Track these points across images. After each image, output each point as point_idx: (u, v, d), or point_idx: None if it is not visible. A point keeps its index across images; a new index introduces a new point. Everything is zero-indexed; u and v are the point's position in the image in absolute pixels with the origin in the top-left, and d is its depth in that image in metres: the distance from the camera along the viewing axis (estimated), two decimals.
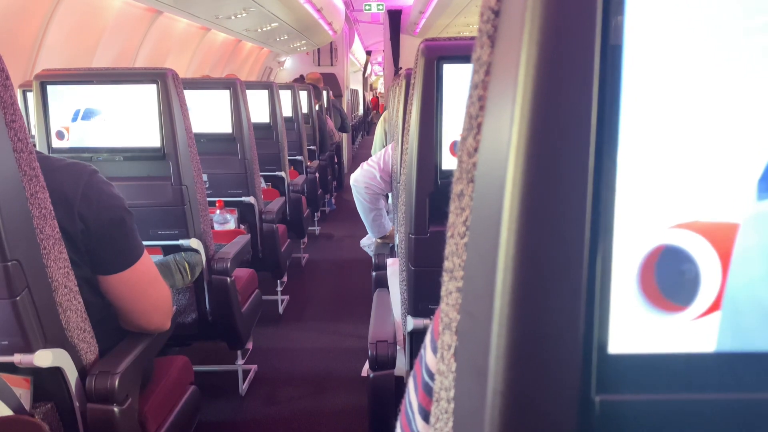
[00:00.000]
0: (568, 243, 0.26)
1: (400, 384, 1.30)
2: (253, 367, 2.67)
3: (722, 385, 0.28)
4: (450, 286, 0.37)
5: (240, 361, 2.47)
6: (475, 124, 0.32)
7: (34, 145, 1.80)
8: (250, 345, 2.68)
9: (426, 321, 1.23)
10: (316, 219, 5.23)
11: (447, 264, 0.37)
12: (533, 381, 0.27)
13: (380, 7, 10.17)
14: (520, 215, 0.26)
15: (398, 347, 1.36)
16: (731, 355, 0.28)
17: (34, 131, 1.85)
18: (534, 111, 0.26)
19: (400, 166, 1.38)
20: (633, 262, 0.27)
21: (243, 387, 2.50)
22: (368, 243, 2.55)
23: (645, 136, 0.26)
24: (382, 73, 11.72)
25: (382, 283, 1.75)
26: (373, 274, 1.95)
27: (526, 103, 0.26)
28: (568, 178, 0.26)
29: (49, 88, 1.80)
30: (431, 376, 0.49)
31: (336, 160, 6.55)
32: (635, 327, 0.27)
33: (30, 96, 2.75)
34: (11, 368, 1.09)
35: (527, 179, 0.26)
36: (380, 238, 2.35)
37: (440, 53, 1.09)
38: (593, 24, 0.25)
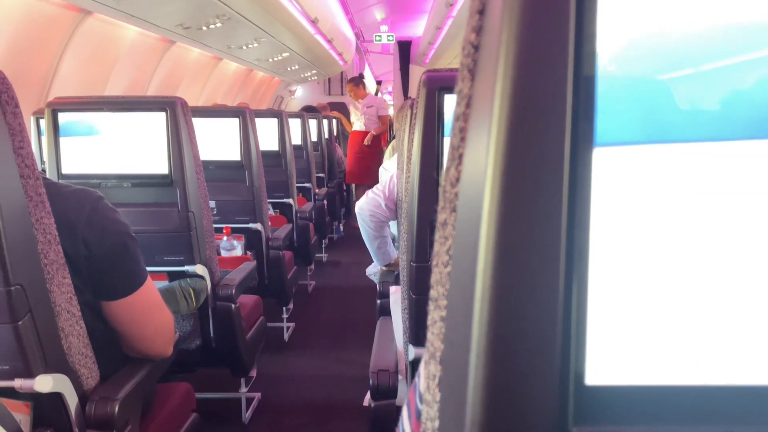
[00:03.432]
0: (544, 272, 0.26)
1: (401, 414, 1.28)
2: (257, 395, 2.65)
3: (703, 418, 0.28)
4: (435, 315, 0.37)
5: (243, 389, 2.46)
6: (456, 154, 0.33)
7: (44, 171, 1.83)
8: (254, 372, 2.66)
9: None
10: (323, 246, 5.23)
11: (432, 293, 0.37)
12: (510, 412, 0.27)
13: (390, 38, 10.32)
14: (496, 244, 0.27)
15: (400, 377, 1.35)
16: (713, 387, 0.28)
17: (45, 157, 1.88)
18: (508, 142, 0.26)
19: (404, 194, 1.39)
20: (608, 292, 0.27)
21: (246, 415, 2.48)
22: (374, 271, 2.55)
23: (620, 164, 0.26)
24: (392, 103, 11.84)
25: (386, 311, 1.75)
26: (378, 301, 1.94)
27: (501, 134, 0.26)
28: (542, 208, 0.26)
29: (61, 116, 1.83)
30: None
31: (344, 188, 6.58)
32: (612, 358, 0.27)
33: (42, 123, 2.80)
34: (11, 393, 1.09)
35: (502, 209, 0.26)
36: (385, 265, 2.34)
37: (441, 84, 1.10)
38: (566, 56, 0.25)
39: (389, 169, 3.12)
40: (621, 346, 0.27)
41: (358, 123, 6.14)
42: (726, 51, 0.26)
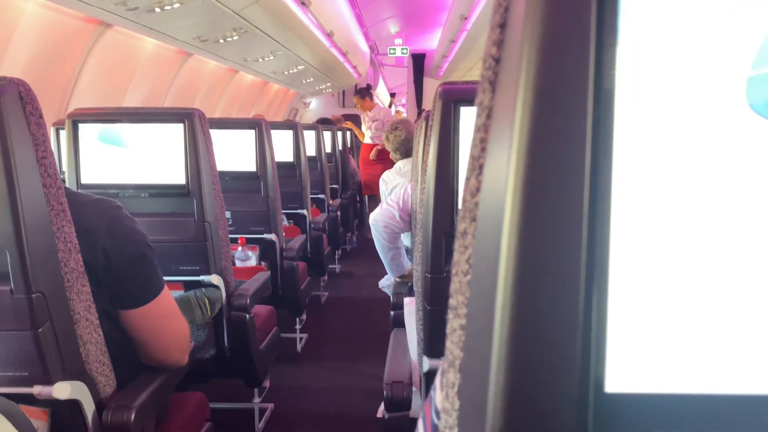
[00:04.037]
0: (564, 281, 0.27)
1: (415, 426, 1.28)
2: (270, 406, 2.65)
3: (725, 428, 0.28)
4: (454, 324, 0.37)
5: (257, 399, 2.46)
6: (477, 165, 0.33)
7: (64, 181, 1.86)
8: (267, 383, 2.67)
9: (442, 362, 1.22)
10: (336, 257, 5.24)
11: (452, 301, 0.38)
12: (530, 419, 0.27)
13: (404, 51, 10.38)
14: (516, 253, 0.27)
15: (414, 388, 1.35)
16: (736, 397, 0.28)
17: (65, 167, 1.91)
18: (529, 152, 0.27)
19: (419, 205, 1.40)
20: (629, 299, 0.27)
21: (259, 426, 2.48)
22: (387, 284, 2.55)
23: (638, 174, 0.27)
24: (405, 115, 11.89)
25: (400, 322, 1.75)
26: (391, 313, 1.94)
27: (522, 144, 0.27)
28: (563, 217, 0.26)
29: (81, 126, 1.86)
30: (439, 416, 0.49)
31: (358, 199, 6.60)
32: (632, 366, 0.27)
33: (63, 133, 2.84)
34: (30, 399, 1.10)
35: (523, 218, 0.27)
36: (399, 277, 2.34)
37: (457, 96, 1.11)
38: (586, 69, 0.26)
39: (389, 180, 3.13)
40: (642, 353, 0.27)
41: (368, 135, 6.15)
42: (748, 63, 0.26)
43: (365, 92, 6.28)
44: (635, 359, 0.27)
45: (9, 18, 2.77)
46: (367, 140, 6.15)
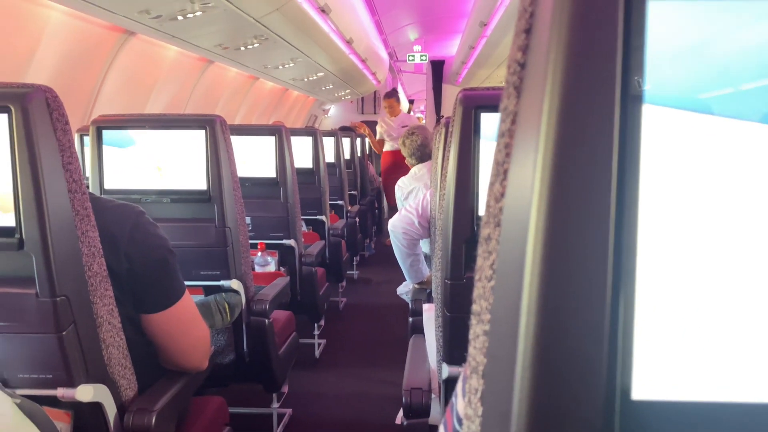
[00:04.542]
0: (590, 287, 0.27)
1: None
2: (288, 411, 2.65)
3: None
4: (477, 330, 0.37)
5: (275, 405, 2.47)
6: (501, 170, 0.33)
7: (88, 187, 1.89)
8: (285, 388, 2.67)
9: (461, 369, 1.21)
10: (355, 263, 5.25)
11: (475, 307, 0.38)
12: (555, 426, 0.27)
13: (423, 58, 10.39)
14: (542, 259, 0.27)
15: (433, 395, 1.34)
16: (766, 405, 0.27)
17: (88, 173, 1.94)
18: (556, 158, 0.26)
19: (438, 211, 1.39)
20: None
21: (278, 431, 2.49)
22: (405, 291, 2.55)
23: (667, 181, 0.27)
24: (424, 122, 11.89)
25: (419, 329, 1.74)
26: (410, 319, 1.94)
27: (549, 150, 0.27)
28: (590, 222, 0.26)
29: (104, 133, 1.89)
30: (461, 422, 0.49)
31: (376, 205, 6.61)
32: (660, 373, 0.27)
33: (86, 140, 2.89)
34: (53, 402, 1.12)
35: (549, 223, 0.27)
36: (418, 283, 2.34)
37: (478, 102, 1.11)
38: (613, 75, 0.26)
39: (404, 186, 3.13)
40: (670, 360, 0.27)
41: (389, 143, 6.05)
42: None
43: (397, 95, 6.22)
44: (663, 366, 0.27)
45: (35, 27, 2.82)
46: (388, 147, 6.08)
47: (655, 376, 0.27)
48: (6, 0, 2.54)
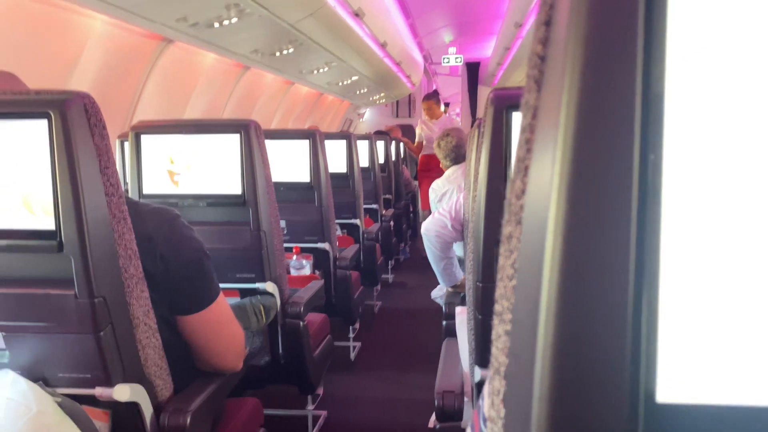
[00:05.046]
0: (612, 286, 0.26)
1: None
2: (323, 413, 2.66)
3: None
4: (499, 330, 0.36)
5: (310, 407, 2.48)
6: (522, 166, 0.32)
7: (127, 191, 1.94)
8: (320, 390, 2.69)
9: None
10: (390, 267, 5.24)
11: (497, 307, 0.37)
12: (576, 429, 0.26)
13: (458, 60, 10.34)
14: (562, 257, 0.26)
15: (466, 399, 1.33)
16: None
17: (128, 177, 1.99)
18: (574, 153, 0.26)
19: (470, 213, 1.38)
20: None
21: None
22: (439, 295, 2.53)
23: (692, 174, 0.25)
24: (460, 124, 11.83)
25: (452, 332, 1.73)
26: (444, 323, 1.93)
27: (567, 144, 0.26)
28: (610, 219, 0.25)
29: (143, 138, 1.93)
30: (486, 423, 0.48)
31: (411, 209, 6.60)
32: (686, 375, 0.26)
33: (126, 145, 2.96)
34: (92, 401, 1.14)
35: (568, 221, 0.26)
36: (451, 287, 2.32)
37: (509, 102, 1.10)
38: (634, 66, 0.25)
39: (437, 188, 3.12)
40: (696, 361, 0.26)
41: (429, 146, 5.92)
42: None
43: (437, 97, 6.13)
44: (689, 367, 0.26)
45: (79, 37, 2.91)
46: (427, 150, 5.92)
47: (681, 377, 0.26)
48: (53, 11, 2.62)
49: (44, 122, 1.01)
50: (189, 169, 1.94)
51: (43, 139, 1.01)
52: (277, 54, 4.23)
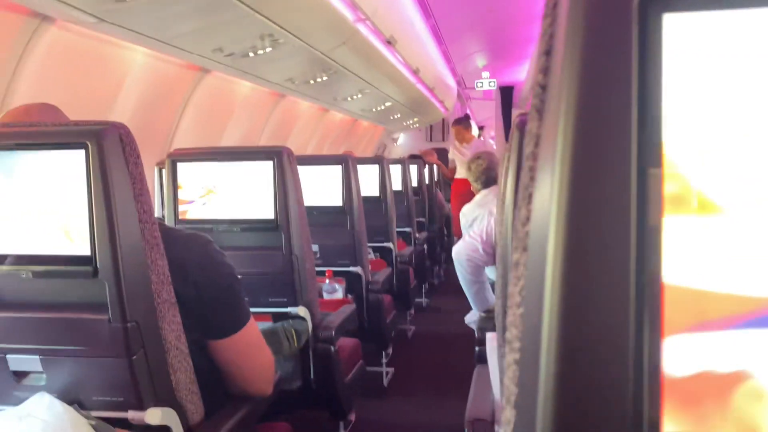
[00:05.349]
0: (611, 314, 0.25)
1: None
2: None
3: None
4: (510, 358, 0.36)
5: None
6: (527, 194, 0.33)
7: (164, 217, 1.98)
8: (353, 416, 2.67)
9: None
10: (424, 291, 5.21)
11: (507, 335, 0.37)
12: None
13: (492, 84, 10.33)
14: (561, 284, 0.26)
15: (497, 427, 1.31)
16: None
17: (165, 203, 2.03)
18: (571, 181, 0.26)
19: (499, 237, 1.37)
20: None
21: None
22: (473, 319, 2.51)
23: (689, 200, 0.25)
24: (495, 148, 11.78)
25: (484, 358, 1.71)
26: (476, 349, 1.90)
27: (564, 173, 0.26)
28: (608, 247, 0.25)
29: (179, 165, 1.98)
30: None
31: (445, 232, 6.56)
32: (689, 407, 0.25)
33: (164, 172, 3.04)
34: (125, 424, 1.16)
35: (566, 248, 0.26)
36: (484, 311, 2.30)
37: None
38: (629, 95, 0.25)
39: (468, 213, 3.10)
40: (701, 391, 0.25)
41: (461, 170, 5.92)
42: None
43: (467, 122, 6.14)
44: (694, 398, 0.25)
45: (121, 68, 3.02)
46: (460, 175, 5.91)
47: (686, 407, 0.25)
48: (97, 45, 2.73)
49: (81, 152, 1.05)
50: (223, 195, 1.98)
51: (81, 167, 1.05)
52: (312, 82, 4.30)
